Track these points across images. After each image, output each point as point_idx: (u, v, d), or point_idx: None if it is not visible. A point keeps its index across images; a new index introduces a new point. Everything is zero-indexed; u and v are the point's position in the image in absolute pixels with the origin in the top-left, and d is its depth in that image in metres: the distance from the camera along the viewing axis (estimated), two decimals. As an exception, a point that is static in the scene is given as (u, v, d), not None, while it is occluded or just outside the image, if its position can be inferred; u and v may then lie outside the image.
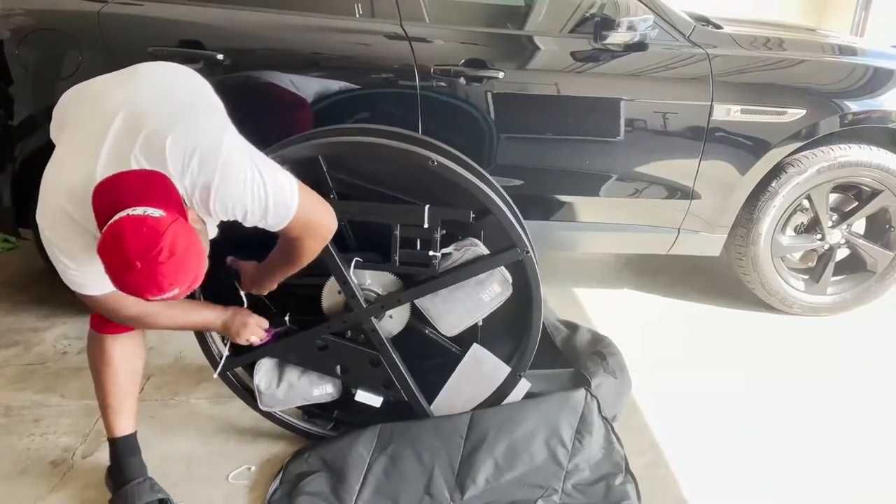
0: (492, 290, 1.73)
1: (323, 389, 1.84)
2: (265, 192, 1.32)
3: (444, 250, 1.70)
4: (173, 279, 1.16)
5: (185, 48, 2.28)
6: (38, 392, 2.16)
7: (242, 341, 1.71)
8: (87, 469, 1.84)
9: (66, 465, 1.85)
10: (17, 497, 1.74)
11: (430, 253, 1.67)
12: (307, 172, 1.57)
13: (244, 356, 1.86)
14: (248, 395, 1.89)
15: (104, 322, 1.59)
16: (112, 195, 1.20)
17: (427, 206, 1.64)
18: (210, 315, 1.66)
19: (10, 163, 2.41)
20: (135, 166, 1.25)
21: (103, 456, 1.87)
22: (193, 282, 1.22)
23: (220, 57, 2.28)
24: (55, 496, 1.74)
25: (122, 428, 1.69)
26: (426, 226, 1.65)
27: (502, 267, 1.73)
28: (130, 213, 1.15)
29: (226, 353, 1.85)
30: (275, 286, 1.68)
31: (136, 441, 1.73)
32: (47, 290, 2.76)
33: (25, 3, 2.38)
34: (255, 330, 1.71)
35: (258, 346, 1.80)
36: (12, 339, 2.47)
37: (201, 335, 1.82)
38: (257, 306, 1.77)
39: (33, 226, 2.43)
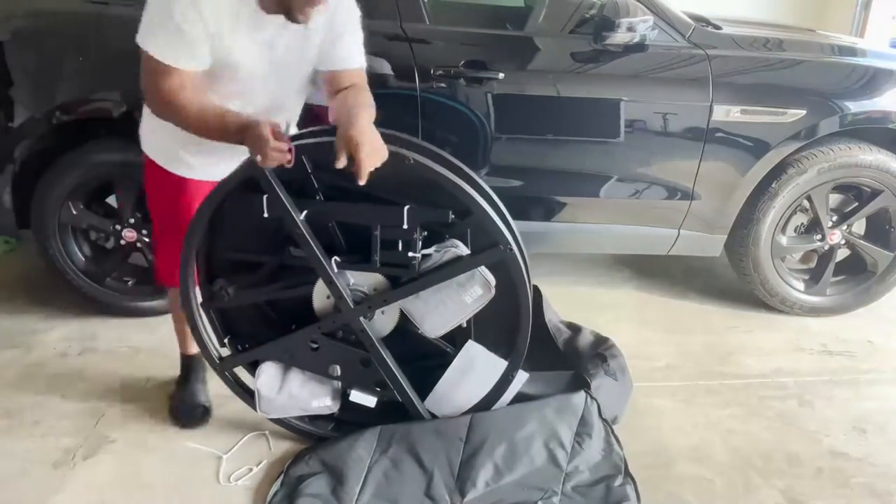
0: (473, 292, 1.71)
1: (322, 402, 1.85)
2: None
3: (425, 251, 1.68)
4: None
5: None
6: (39, 394, 2.16)
7: (268, 163, 1.48)
8: (89, 470, 1.84)
9: (67, 467, 1.85)
10: (18, 499, 1.74)
11: (410, 254, 1.66)
12: (292, 173, 1.57)
13: (243, 355, 1.86)
14: (247, 396, 1.90)
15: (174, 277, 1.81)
16: None
17: (406, 207, 1.63)
18: (231, 120, 1.53)
19: (10, 164, 2.42)
20: None
21: (104, 458, 1.88)
22: None
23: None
24: (56, 498, 1.74)
25: (193, 348, 2.01)
26: (405, 227, 1.63)
27: (483, 269, 1.71)
28: None
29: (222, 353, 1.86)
30: None
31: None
32: (48, 293, 2.76)
33: (26, 5, 2.38)
34: (275, 147, 1.45)
35: (257, 345, 1.82)
36: (13, 340, 2.47)
37: (197, 331, 1.83)
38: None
39: (33, 227, 2.47)
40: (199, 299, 1.81)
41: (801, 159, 2.53)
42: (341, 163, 1.48)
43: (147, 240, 2.56)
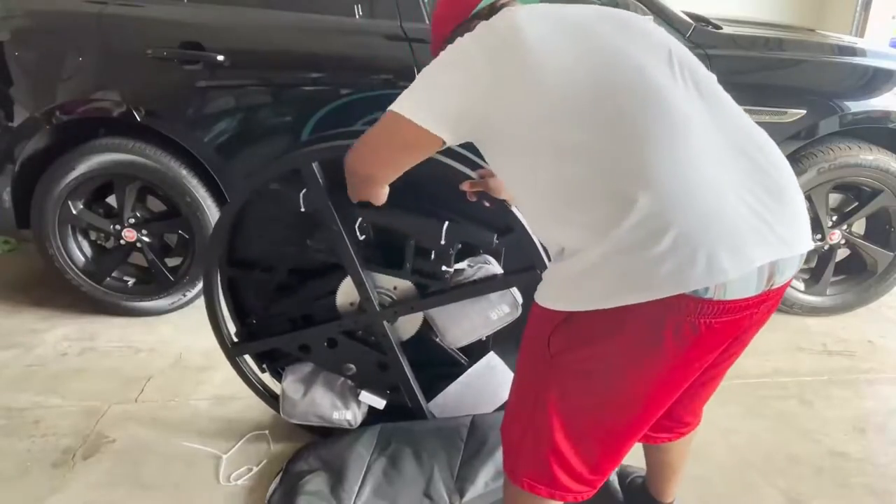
0: (500, 310, 1.70)
1: (342, 415, 1.83)
2: None
3: (458, 266, 1.67)
4: None
5: (186, 49, 2.28)
6: (39, 393, 2.16)
7: None
8: (89, 470, 1.84)
9: (67, 467, 1.85)
10: (17, 499, 1.74)
11: (443, 268, 1.64)
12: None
13: (255, 343, 1.86)
14: (254, 383, 1.90)
15: None
16: None
17: (446, 224, 1.60)
18: None
19: (10, 164, 2.42)
20: None
21: (104, 458, 1.88)
22: None
23: (220, 58, 2.28)
24: (56, 498, 1.74)
25: None
26: (443, 243, 1.61)
27: (514, 288, 1.69)
28: None
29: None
30: None
31: None
32: (47, 292, 2.77)
33: (26, 5, 2.38)
34: None
35: (270, 335, 1.82)
36: (12, 340, 2.48)
37: (213, 316, 1.82)
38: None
39: (33, 227, 2.47)
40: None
41: (800, 159, 2.52)
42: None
43: (147, 239, 2.56)
